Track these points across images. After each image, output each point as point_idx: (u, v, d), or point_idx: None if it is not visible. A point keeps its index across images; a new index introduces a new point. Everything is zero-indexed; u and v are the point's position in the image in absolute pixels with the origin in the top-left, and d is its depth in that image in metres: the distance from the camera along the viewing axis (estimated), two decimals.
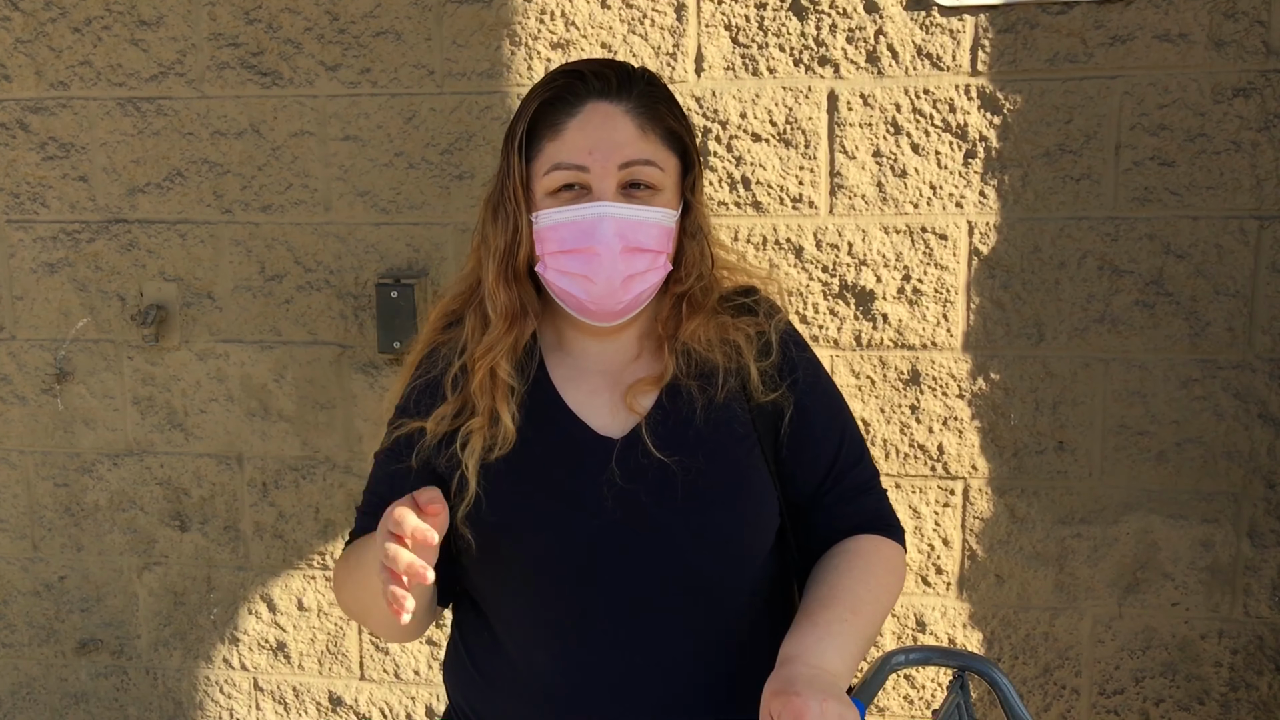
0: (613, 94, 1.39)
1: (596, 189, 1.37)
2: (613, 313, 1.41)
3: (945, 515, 2.36)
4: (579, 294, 1.40)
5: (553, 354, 1.50)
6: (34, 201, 2.57)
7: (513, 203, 1.41)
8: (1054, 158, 2.22)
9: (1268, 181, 2.17)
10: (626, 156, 1.37)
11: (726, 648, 1.43)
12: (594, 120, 1.38)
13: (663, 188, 1.41)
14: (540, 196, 1.40)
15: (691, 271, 1.46)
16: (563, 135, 1.38)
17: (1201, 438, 2.25)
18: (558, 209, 1.39)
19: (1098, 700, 2.37)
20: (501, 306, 1.43)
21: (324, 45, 2.41)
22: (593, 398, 1.46)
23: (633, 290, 1.40)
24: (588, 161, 1.37)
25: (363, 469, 2.53)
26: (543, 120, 1.40)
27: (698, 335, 1.45)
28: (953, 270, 2.28)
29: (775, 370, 1.47)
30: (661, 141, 1.41)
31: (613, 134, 1.37)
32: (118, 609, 2.71)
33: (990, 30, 2.20)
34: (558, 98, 1.40)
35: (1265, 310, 2.20)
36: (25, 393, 2.65)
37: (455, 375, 1.47)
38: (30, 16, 2.50)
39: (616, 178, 1.37)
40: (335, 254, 2.48)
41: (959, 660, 1.62)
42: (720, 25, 2.28)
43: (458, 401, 1.45)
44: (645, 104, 1.41)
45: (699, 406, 1.43)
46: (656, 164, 1.40)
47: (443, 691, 2.59)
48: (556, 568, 1.40)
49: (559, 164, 1.38)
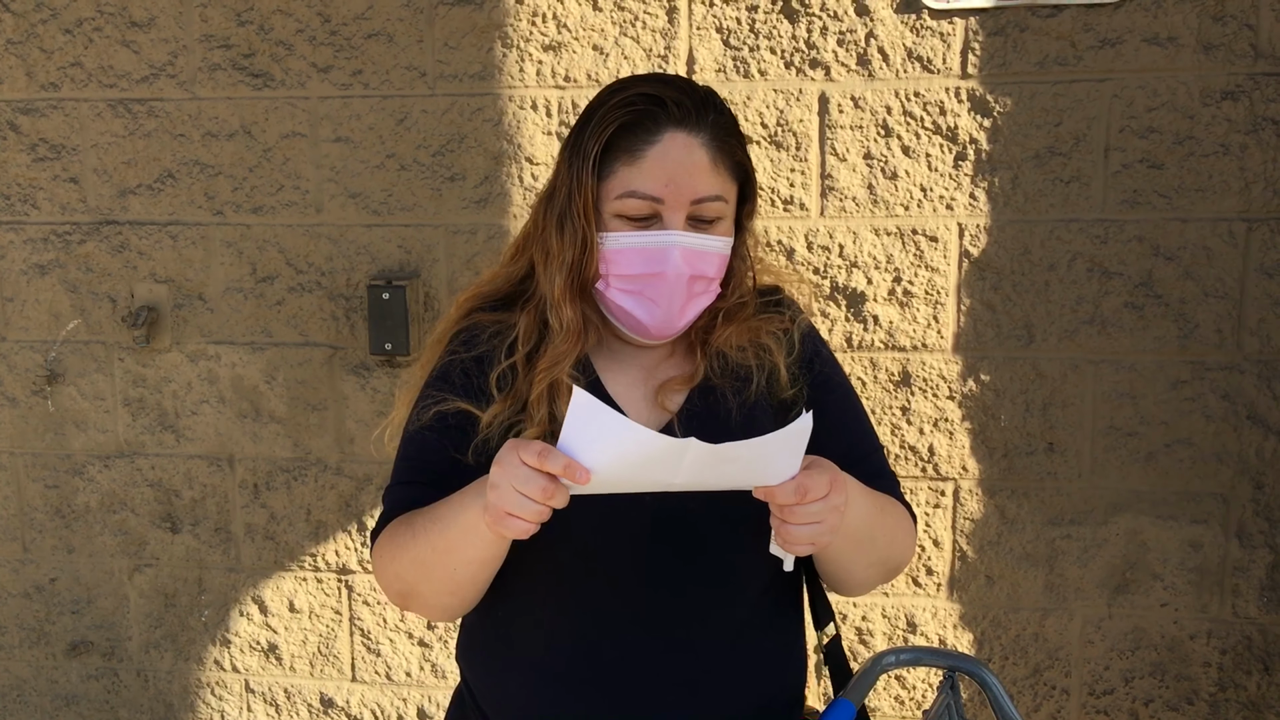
0: (691, 124, 1.41)
1: (667, 219, 1.40)
2: (669, 334, 1.45)
3: (936, 516, 2.37)
4: (642, 317, 1.42)
5: (598, 349, 1.51)
6: (24, 203, 2.57)
7: (581, 219, 1.42)
8: (1044, 160, 2.23)
9: (1256, 184, 2.18)
10: (700, 193, 1.40)
11: (735, 638, 1.45)
12: (673, 153, 1.39)
13: (725, 217, 1.44)
14: (609, 217, 1.42)
15: (735, 291, 1.50)
16: (640, 163, 1.39)
17: (1190, 439, 2.26)
18: (628, 234, 1.41)
19: (1087, 700, 2.38)
20: (569, 322, 1.44)
21: (315, 47, 2.41)
22: (632, 390, 1.49)
23: (688, 315, 1.44)
24: (664, 194, 1.39)
25: (355, 470, 2.53)
26: (619, 144, 1.41)
27: (730, 340, 1.49)
28: (943, 272, 2.29)
29: (797, 366, 1.51)
30: (729, 174, 1.44)
31: (690, 167, 1.39)
32: (109, 611, 2.71)
33: (980, 33, 2.21)
34: (637, 123, 1.40)
35: (1253, 312, 2.21)
36: (15, 394, 2.65)
37: (503, 373, 1.46)
38: (21, 18, 2.50)
39: (688, 211, 1.40)
40: (327, 255, 2.48)
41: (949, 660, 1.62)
42: (711, 28, 2.28)
43: (505, 402, 1.45)
44: (719, 136, 1.43)
45: (733, 406, 1.46)
46: (724, 198, 1.43)
47: (434, 693, 2.59)
48: (595, 557, 1.42)
49: (635, 192, 1.39)
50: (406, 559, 1.41)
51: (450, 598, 1.43)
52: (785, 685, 1.52)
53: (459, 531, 1.33)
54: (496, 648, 1.48)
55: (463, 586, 1.41)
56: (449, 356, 1.50)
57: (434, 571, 1.39)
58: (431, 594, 1.43)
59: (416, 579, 1.43)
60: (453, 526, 1.33)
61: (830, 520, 1.26)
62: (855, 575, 1.50)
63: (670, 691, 1.42)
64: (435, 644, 2.58)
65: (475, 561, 1.35)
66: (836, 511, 1.26)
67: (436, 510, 1.38)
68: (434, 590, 1.42)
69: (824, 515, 1.25)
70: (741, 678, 1.46)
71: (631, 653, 1.42)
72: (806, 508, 1.24)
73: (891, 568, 1.54)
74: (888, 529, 1.47)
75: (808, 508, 1.24)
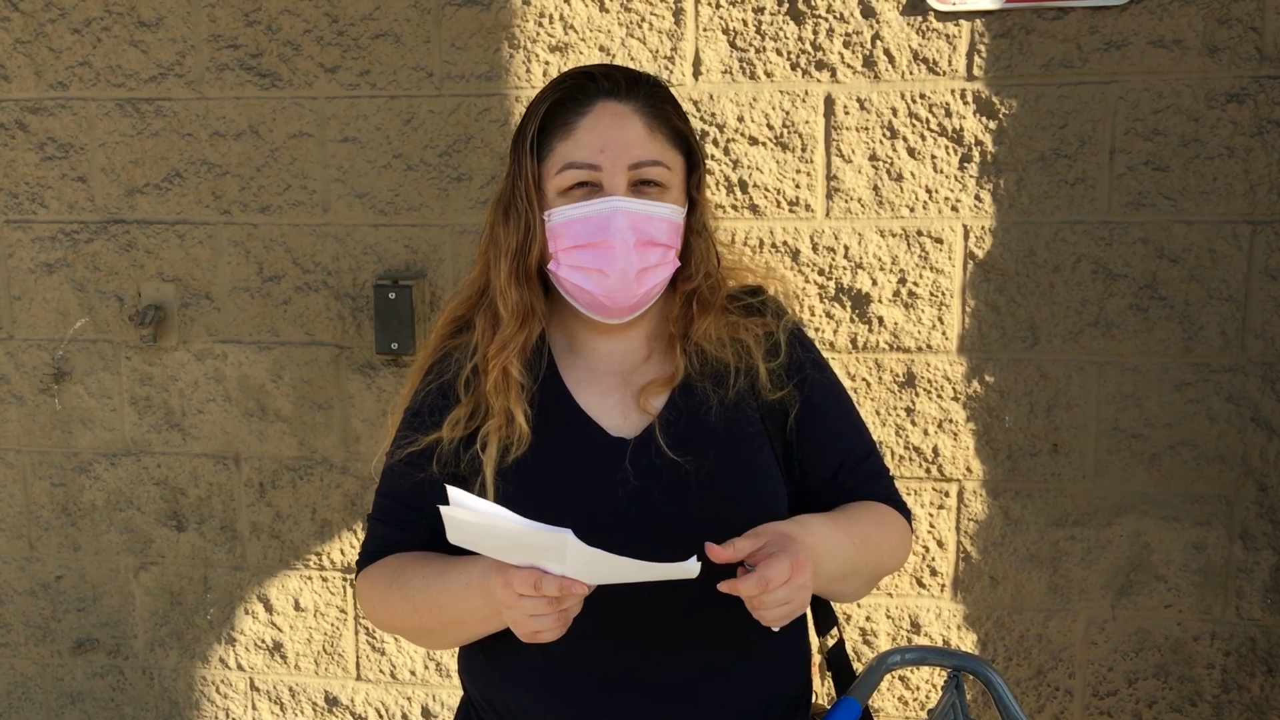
0: (622, 94, 1.43)
1: (608, 186, 1.40)
2: (625, 307, 1.44)
3: (940, 517, 2.37)
4: (593, 289, 1.42)
5: (564, 357, 1.51)
6: (32, 202, 2.58)
7: (524, 202, 1.44)
8: (1049, 162, 2.24)
9: (1260, 186, 2.18)
10: (636, 156, 1.41)
11: (734, 642, 1.45)
12: (604, 120, 1.41)
13: (670, 186, 1.44)
14: (552, 195, 1.43)
15: (699, 269, 1.49)
16: (574, 135, 1.41)
17: (1194, 441, 2.27)
18: (571, 205, 1.41)
19: (1091, 702, 2.39)
20: (513, 305, 1.45)
21: (323, 47, 2.42)
22: (605, 399, 1.48)
23: (645, 284, 1.43)
24: (600, 160, 1.40)
25: (360, 469, 2.54)
26: (554, 120, 1.43)
27: (709, 334, 1.48)
28: (948, 273, 2.29)
29: (783, 370, 1.50)
30: (668, 141, 1.45)
31: (623, 133, 1.41)
32: (114, 609, 2.72)
33: (986, 35, 2.22)
34: (568, 98, 1.43)
35: (1258, 314, 2.22)
36: (23, 392, 2.66)
37: (468, 377, 1.48)
38: (30, 17, 2.51)
39: (627, 176, 1.41)
40: (333, 255, 2.49)
41: (954, 660, 1.62)
42: (718, 29, 2.29)
43: (470, 403, 1.47)
44: (652, 104, 1.44)
45: (712, 406, 1.46)
46: (664, 163, 1.43)
47: (439, 692, 2.60)
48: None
49: (572, 163, 1.41)
50: (400, 621, 1.49)
51: (447, 647, 1.52)
52: (787, 693, 1.52)
53: (459, 612, 1.40)
54: (497, 660, 1.49)
55: (463, 641, 1.51)
56: (423, 390, 1.54)
57: (436, 637, 1.50)
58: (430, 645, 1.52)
59: (415, 636, 1.54)
60: (451, 608, 1.40)
61: (799, 598, 1.28)
62: (844, 597, 1.55)
63: (670, 701, 1.42)
64: None
65: (480, 630, 1.43)
66: (804, 589, 1.29)
67: (431, 589, 1.42)
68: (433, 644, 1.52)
69: (791, 597, 1.27)
70: (742, 686, 1.45)
71: (631, 663, 1.42)
72: (772, 595, 1.26)
73: (882, 576, 1.57)
74: (871, 556, 1.48)
75: (773, 595, 1.26)
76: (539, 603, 1.25)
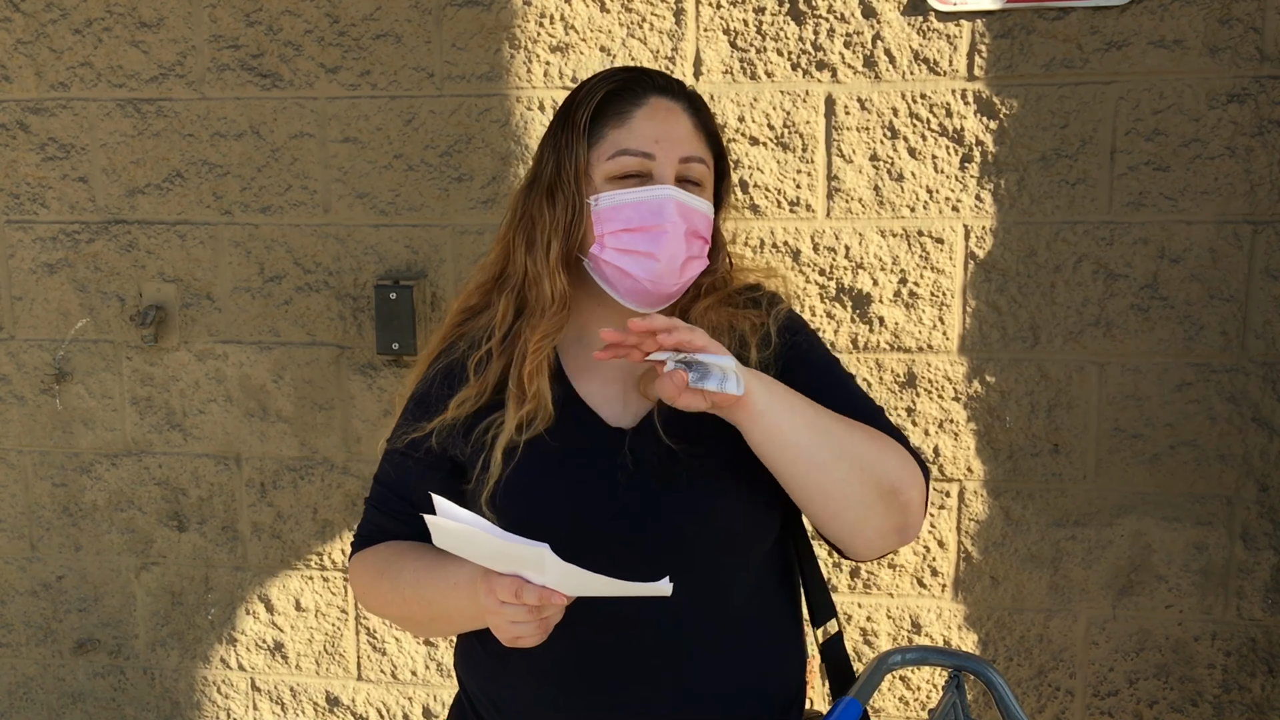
0: (672, 92, 1.49)
1: (658, 176, 1.43)
2: (665, 294, 1.46)
3: (941, 517, 2.37)
4: (638, 272, 1.43)
5: (569, 348, 1.52)
6: (34, 202, 2.58)
7: (572, 185, 1.45)
8: (1050, 162, 2.24)
9: (1261, 186, 2.18)
10: (686, 151, 1.45)
11: (732, 633, 1.45)
12: (659, 113, 1.46)
13: (706, 185, 1.49)
14: (599, 181, 1.45)
15: (718, 267, 1.54)
16: (629, 123, 1.45)
17: (1195, 441, 2.27)
18: (623, 190, 1.44)
19: (1092, 702, 2.39)
20: (560, 291, 1.46)
21: (324, 47, 2.42)
22: (606, 388, 1.49)
23: (686, 274, 1.45)
24: (654, 150, 1.43)
25: (361, 470, 2.54)
26: (607, 109, 1.46)
27: (707, 317, 1.49)
28: (949, 274, 2.29)
29: (773, 357, 1.50)
30: (706, 143, 1.50)
31: (675, 128, 1.46)
32: (115, 609, 2.72)
33: (987, 35, 2.22)
34: (624, 88, 1.47)
35: (1259, 314, 2.22)
36: (24, 393, 2.66)
37: (481, 359, 1.49)
38: (31, 18, 2.51)
39: (676, 170, 1.44)
40: (334, 255, 2.49)
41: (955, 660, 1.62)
42: (719, 29, 2.29)
43: (480, 385, 1.47)
44: (696, 105, 1.51)
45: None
46: (706, 162, 1.48)
47: (440, 692, 2.60)
48: (569, 555, 1.42)
49: (626, 149, 1.44)
50: (389, 610, 1.53)
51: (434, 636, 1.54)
52: (782, 684, 1.52)
53: (446, 609, 1.43)
54: (492, 654, 1.49)
55: (451, 633, 1.57)
56: (429, 377, 1.55)
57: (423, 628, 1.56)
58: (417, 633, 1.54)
59: (402, 624, 1.59)
60: (438, 604, 1.43)
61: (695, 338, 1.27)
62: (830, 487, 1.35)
63: (664, 693, 1.42)
64: (440, 643, 2.58)
65: (467, 626, 1.47)
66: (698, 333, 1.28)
67: (420, 585, 1.44)
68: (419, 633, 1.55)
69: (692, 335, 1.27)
70: (736, 677, 1.45)
71: (625, 655, 1.42)
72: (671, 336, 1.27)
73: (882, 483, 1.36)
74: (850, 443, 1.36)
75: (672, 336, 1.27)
76: (520, 610, 1.27)
